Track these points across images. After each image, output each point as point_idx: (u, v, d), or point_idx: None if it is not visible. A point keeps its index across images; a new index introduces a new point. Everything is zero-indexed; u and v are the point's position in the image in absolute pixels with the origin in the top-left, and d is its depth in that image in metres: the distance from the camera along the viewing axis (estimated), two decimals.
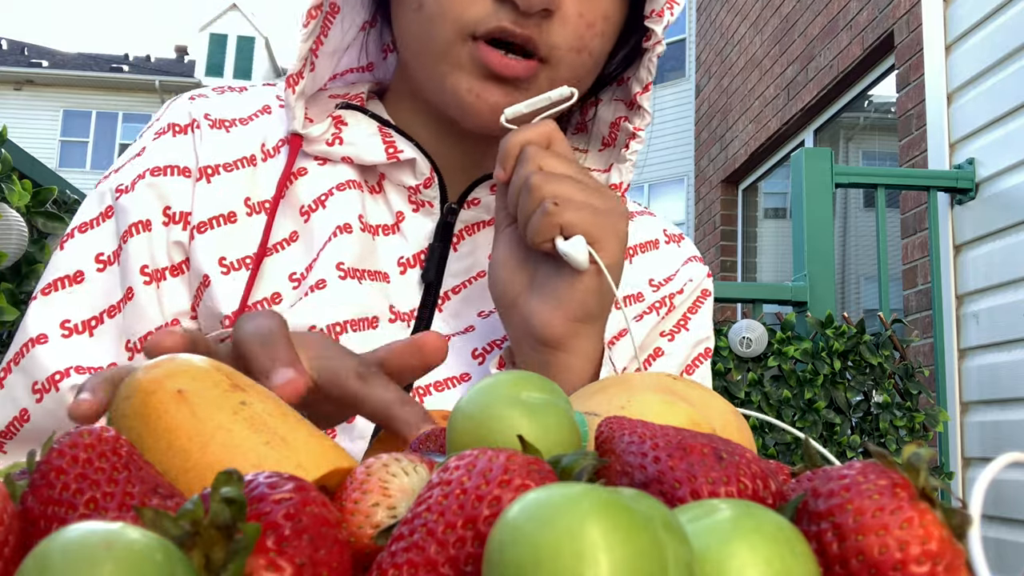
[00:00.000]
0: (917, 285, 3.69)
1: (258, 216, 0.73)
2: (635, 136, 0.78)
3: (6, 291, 2.22)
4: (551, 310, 0.64)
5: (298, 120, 0.74)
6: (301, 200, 0.74)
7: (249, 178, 0.74)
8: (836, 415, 2.55)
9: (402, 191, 0.77)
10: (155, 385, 0.36)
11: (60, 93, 21.66)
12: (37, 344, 0.68)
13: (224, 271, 0.71)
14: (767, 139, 6.31)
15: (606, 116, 0.83)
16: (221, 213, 0.72)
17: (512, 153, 0.65)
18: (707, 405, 0.46)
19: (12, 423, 0.68)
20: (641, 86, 0.77)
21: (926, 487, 0.29)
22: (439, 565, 0.26)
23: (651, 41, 0.74)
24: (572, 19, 0.69)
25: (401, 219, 0.76)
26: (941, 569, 0.27)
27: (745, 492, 0.30)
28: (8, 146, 2.25)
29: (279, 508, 0.26)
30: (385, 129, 0.76)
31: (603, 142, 0.83)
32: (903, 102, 4.10)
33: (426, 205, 0.77)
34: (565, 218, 0.62)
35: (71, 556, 0.22)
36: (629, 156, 0.78)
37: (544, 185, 0.62)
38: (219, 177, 0.73)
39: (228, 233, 0.72)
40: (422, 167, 0.75)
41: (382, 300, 0.72)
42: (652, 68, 0.76)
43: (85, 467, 0.29)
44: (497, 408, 0.36)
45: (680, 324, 0.83)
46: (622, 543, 0.22)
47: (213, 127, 0.76)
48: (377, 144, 0.75)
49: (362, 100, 0.80)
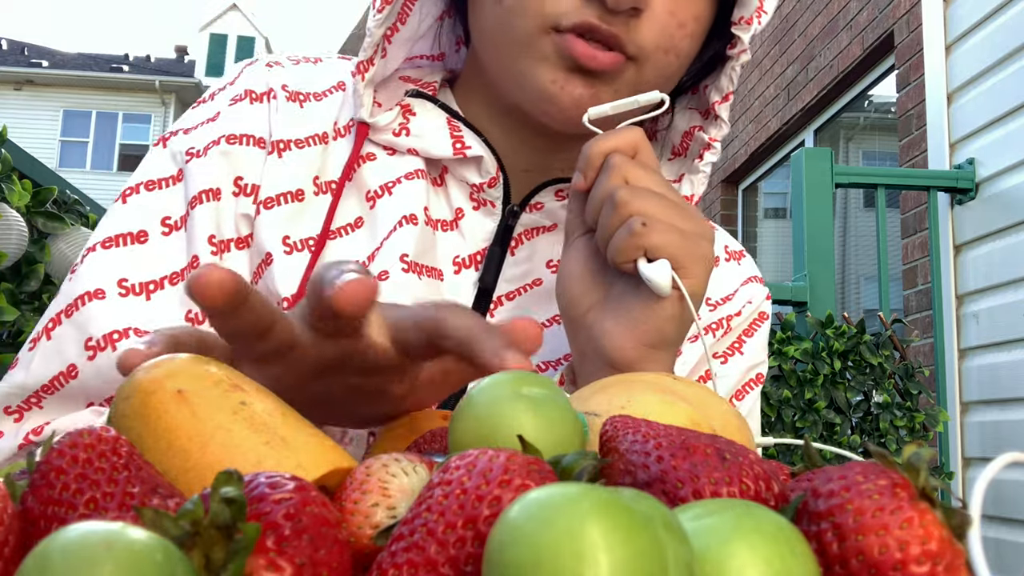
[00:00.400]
0: (917, 285, 3.69)
1: (324, 196, 0.71)
2: (710, 147, 0.75)
3: (6, 291, 2.22)
4: (625, 332, 0.61)
5: (366, 108, 0.72)
6: (368, 185, 0.72)
7: (320, 156, 0.72)
8: (836, 415, 2.55)
9: (464, 187, 0.74)
10: (155, 385, 0.36)
11: (60, 93, 21.66)
12: (93, 299, 0.65)
13: (287, 250, 0.68)
14: (767, 139, 6.31)
15: (680, 125, 0.80)
16: (289, 190, 0.70)
17: (595, 161, 0.61)
18: (707, 405, 0.46)
19: (57, 378, 0.65)
20: (721, 95, 0.74)
21: (926, 487, 0.29)
22: (439, 565, 0.26)
23: (736, 49, 0.72)
24: (662, 18, 0.66)
25: (460, 216, 0.74)
26: (941, 569, 0.27)
27: (747, 493, 0.30)
28: (8, 146, 2.25)
29: (279, 508, 0.26)
30: (454, 122, 0.74)
31: (673, 151, 0.81)
32: (903, 102, 4.10)
33: (487, 204, 0.74)
34: (652, 240, 0.58)
35: (71, 556, 0.22)
36: (703, 167, 0.76)
37: (632, 201, 0.59)
38: (290, 153, 0.71)
39: (295, 211, 0.70)
40: (488, 165, 0.73)
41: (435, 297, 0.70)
42: (734, 77, 0.73)
43: (85, 467, 0.29)
44: (500, 404, 0.36)
45: (734, 347, 0.80)
46: (622, 543, 0.22)
47: (289, 99, 0.73)
48: (444, 138, 0.73)
49: (434, 89, 0.77)
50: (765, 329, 0.83)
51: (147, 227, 0.69)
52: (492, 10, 0.68)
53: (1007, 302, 2.72)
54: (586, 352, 0.63)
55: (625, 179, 0.60)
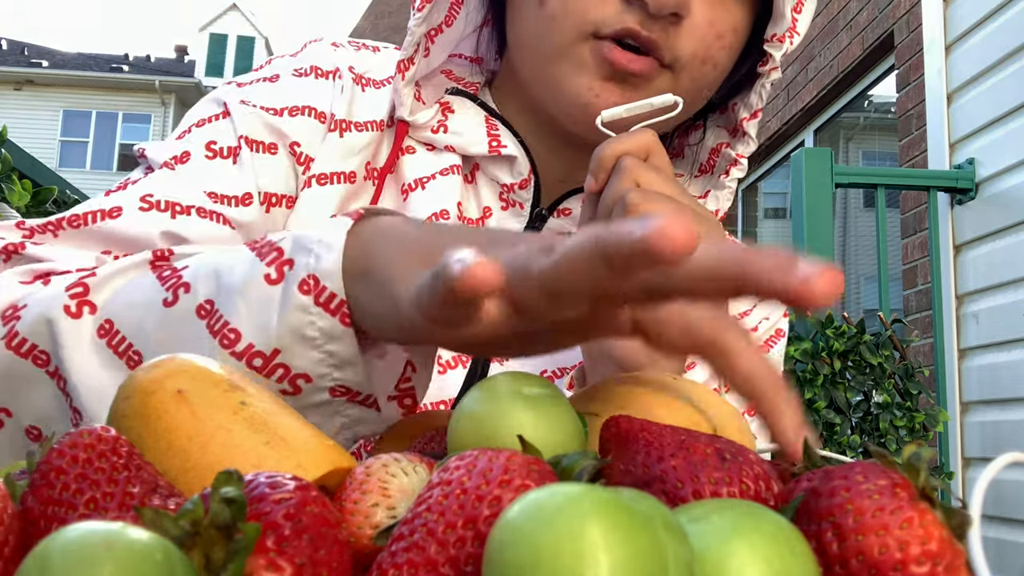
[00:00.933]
0: (917, 285, 3.69)
1: (370, 183, 0.72)
2: (736, 163, 0.75)
3: None
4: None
5: (406, 107, 0.72)
6: (404, 178, 0.73)
7: (375, 143, 0.73)
8: (836, 415, 2.55)
9: (494, 187, 0.75)
10: (155, 385, 0.36)
11: (60, 93, 21.67)
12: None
13: None
14: (767, 139, 6.31)
15: (709, 142, 0.80)
16: (343, 171, 0.71)
17: (607, 163, 0.61)
18: (708, 406, 0.46)
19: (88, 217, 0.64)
20: (750, 112, 0.74)
21: (926, 487, 0.29)
22: (439, 565, 0.26)
23: (767, 66, 0.72)
24: (701, 27, 0.66)
25: (488, 215, 0.74)
26: (941, 569, 0.27)
27: (747, 493, 0.30)
28: (8, 146, 2.25)
29: (279, 508, 0.26)
30: (492, 120, 0.74)
31: (700, 168, 0.81)
32: (903, 102, 4.10)
33: (516, 205, 0.74)
34: None
35: (71, 556, 0.22)
36: (728, 183, 0.76)
37: (641, 204, 0.58)
38: (350, 135, 0.72)
39: (348, 193, 0.71)
40: (521, 166, 0.73)
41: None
42: (763, 94, 0.73)
43: (85, 467, 0.29)
44: (500, 404, 0.36)
45: None
46: (622, 543, 0.22)
47: (354, 81, 0.74)
48: (482, 135, 0.73)
49: (476, 89, 0.78)
50: (781, 345, 0.83)
51: (191, 149, 0.69)
52: (533, 14, 0.68)
53: (1007, 302, 2.72)
54: (595, 355, 0.63)
55: (636, 182, 0.60)
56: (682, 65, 0.67)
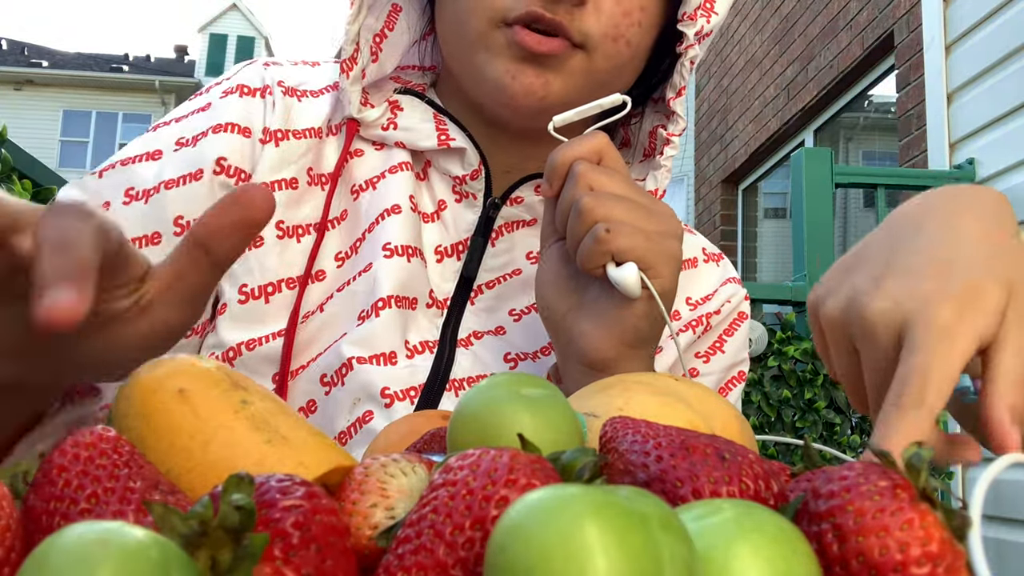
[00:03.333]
0: None
1: (317, 188, 0.74)
2: (669, 142, 0.77)
3: None
4: (601, 334, 0.62)
5: (353, 105, 0.74)
6: (354, 180, 0.75)
7: (315, 150, 0.75)
8: (836, 415, 2.55)
9: (447, 180, 0.77)
10: (156, 384, 0.36)
11: (60, 93, 21.66)
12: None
13: (280, 235, 0.72)
14: (767, 139, 6.31)
15: (646, 126, 0.82)
16: (284, 178, 0.73)
17: (560, 169, 0.63)
18: (708, 406, 0.46)
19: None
20: (675, 91, 0.76)
21: (927, 488, 0.29)
22: (449, 567, 0.26)
23: (684, 45, 0.74)
24: (607, 6, 0.69)
25: (443, 208, 0.77)
26: (941, 570, 0.27)
27: (747, 492, 0.30)
28: (8, 146, 2.25)
29: (288, 516, 0.26)
30: (440, 116, 0.77)
31: (644, 153, 0.83)
32: (903, 102, 4.10)
33: (469, 197, 0.76)
34: (617, 244, 0.60)
35: (68, 556, 0.22)
36: (663, 162, 0.77)
37: (596, 208, 0.60)
38: (287, 143, 0.74)
39: (290, 199, 0.73)
40: (471, 158, 0.75)
41: (424, 283, 0.73)
42: (685, 73, 0.75)
43: (87, 465, 0.29)
44: (499, 405, 0.36)
45: (716, 346, 0.82)
46: (617, 544, 0.22)
47: (286, 94, 0.76)
48: (430, 130, 0.75)
49: (423, 88, 0.80)
50: (745, 329, 0.85)
51: (111, 198, 0.70)
52: (450, 8, 0.72)
53: None
54: (567, 354, 0.65)
55: (590, 186, 0.61)
56: (594, 44, 0.69)
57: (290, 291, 0.71)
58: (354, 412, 0.67)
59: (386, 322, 0.69)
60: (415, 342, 0.71)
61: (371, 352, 0.68)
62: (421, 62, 0.83)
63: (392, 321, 0.69)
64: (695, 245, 0.85)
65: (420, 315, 0.72)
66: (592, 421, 0.42)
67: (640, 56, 0.74)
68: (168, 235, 0.69)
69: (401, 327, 0.70)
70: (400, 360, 0.69)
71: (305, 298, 0.70)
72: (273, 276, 0.70)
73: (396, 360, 0.69)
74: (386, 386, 0.67)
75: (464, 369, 0.71)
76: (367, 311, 0.69)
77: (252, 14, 24.27)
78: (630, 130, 0.85)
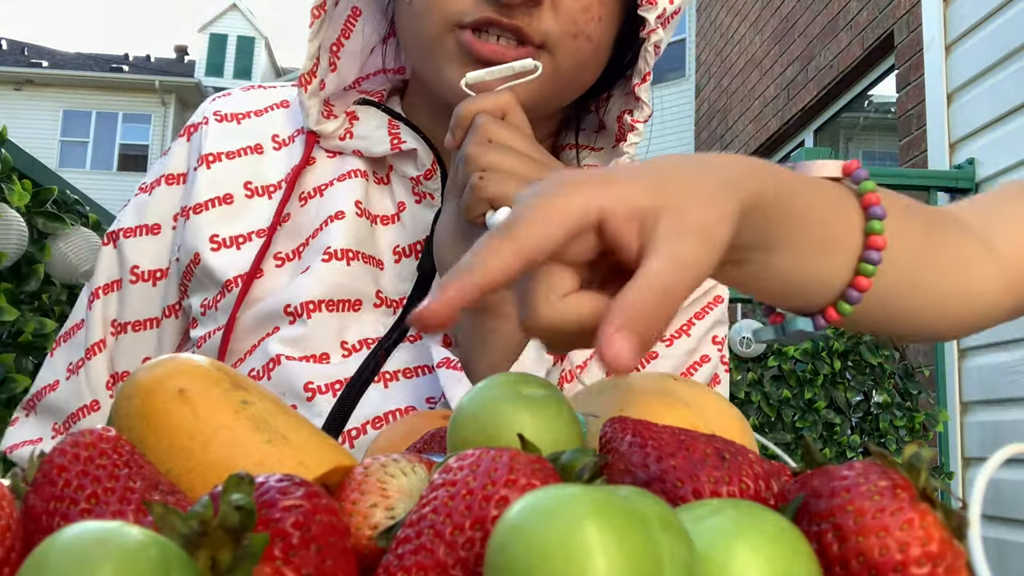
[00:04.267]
0: None
1: (260, 199, 0.77)
2: (633, 128, 0.76)
3: (6, 291, 2.22)
4: None
5: (312, 118, 0.76)
6: (303, 187, 0.78)
7: (252, 164, 0.78)
8: (836, 415, 2.55)
9: (406, 182, 0.78)
10: (156, 385, 0.36)
11: (60, 93, 21.65)
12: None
13: (215, 247, 0.75)
14: (767, 139, 6.31)
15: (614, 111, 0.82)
16: (218, 195, 0.77)
17: (463, 122, 0.63)
18: (708, 407, 0.46)
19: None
20: (639, 77, 0.75)
21: (927, 488, 0.28)
22: (449, 567, 0.26)
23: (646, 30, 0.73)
24: (565, 4, 0.68)
25: (402, 209, 0.77)
26: (941, 570, 0.27)
27: (747, 492, 0.30)
28: (8, 146, 2.25)
29: (288, 516, 0.26)
30: (394, 122, 0.78)
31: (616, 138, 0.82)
32: (903, 102, 4.10)
33: (427, 197, 0.77)
34: (491, 191, 0.59)
35: (68, 556, 0.22)
36: (626, 149, 0.77)
37: (480, 156, 0.60)
38: (220, 164, 0.78)
39: (223, 214, 0.76)
40: (423, 158, 0.76)
41: (370, 284, 0.74)
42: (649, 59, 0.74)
43: (87, 465, 0.29)
44: (499, 405, 0.36)
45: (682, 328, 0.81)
46: (617, 544, 0.22)
47: (221, 121, 0.80)
48: (383, 136, 0.77)
49: (382, 96, 0.81)
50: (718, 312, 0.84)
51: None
52: (405, 13, 0.72)
53: None
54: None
55: (488, 138, 0.61)
56: (554, 44, 0.69)
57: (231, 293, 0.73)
58: None
59: (318, 324, 0.70)
60: (353, 341, 0.72)
61: (301, 353, 0.70)
62: (385, 65, 0.84)
63: (324, 324, 0.71)
64: None
65: (365, 315, 0.73)
66: (592, 421, 0.42)
67: (603, 49, 0.73)
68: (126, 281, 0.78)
69: (336, 329, 0.71)
70: (334, 359, 0.71)
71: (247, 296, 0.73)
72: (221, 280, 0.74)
73: (329, 360, 0.71)
74: (310, 380, 0.69)
75: (400, 361, 0.71)
76: (295, 310, 0.71)
77: (252, 14, 24.26)
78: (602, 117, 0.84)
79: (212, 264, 0.74)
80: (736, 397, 2.56)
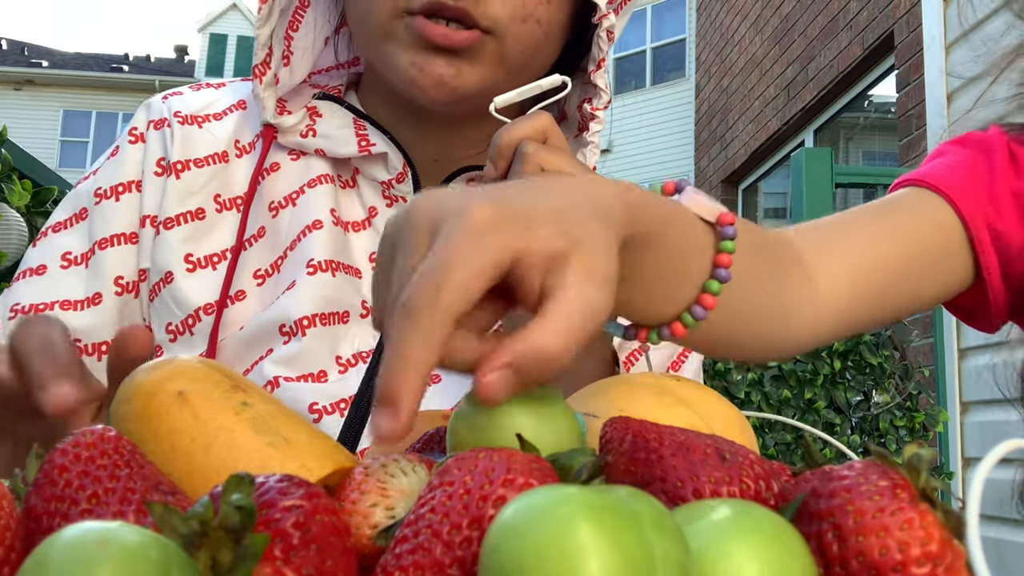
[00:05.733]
0: None
1: (229, 212, 0.74)
2: (594, 117, 0.75)
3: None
4: None
5: (268, 110, 0.73)
6: (272, 196, 0.74)
7: (220, 175, 0.74)
8: (836, 415, 2.55)
9: (375, 186, 0.76)
10: (156, 387, 0.36)
11: (60, 93, 21.64)
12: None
13: (190, 268, 0.71)
14: (767, 139, 6.31)
15: (574, 100, 0.80)
16: (189, 210, 0.73)
17: (506, 150, 0.61)
18: (709, 407, 0.46)
19: None
20: (594, 63, 0.74)
21: (927, 488, 0.29)
22: (446, 567, 0.26)
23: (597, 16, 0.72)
24: None
25: (374, 215, 0.75)
26: (941, 570, 0.27)
27: (747, 492, 0.30)
28: (8, 146, 2.25)
29: (288, 516, 0.26)
30: (360, 121, 0.75)
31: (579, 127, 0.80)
32: (903, 102, 4.10)
33: (399, 200, 0.75)
34: None
35: (68, 556, 0.22)
36: (591, 138, 0.75)
37: None
38: (189, 173, 0.74)
39: (196, 230, 0.73)
40: (394, 161, 0.74)
41: (354, 295, 0.72)
42: (603, 44, 0.72)
43: (87, 465, 0.29)
44: (499, 406, 0.36)
45: None
46: (609, 544, 0.22)
47: (184, 123, 0.75)
48: (350, 136, 0.74)
49: (339, 92, 0.79)
50: None
51: (46, 262, 0.73)
52: (353, 2, 0.71)
53: None
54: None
55: (540, 166, 0.60)
56: (503, 28, 0.68)
57: (208, 317, 0.70)
58: None
59: (312, 341, 0.68)
60: (348, 355, 0.70)
61: (299, 372, 0.68)
62: (337, 59, 0.81)
63: (319, 340, 0.68)
64: None
65: (354, 327, 0.71)
66: (592, 422, 0.42)
67: (555, 34, 0.72)
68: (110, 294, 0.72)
69: (330, 344, 0.69)
70: (331, 376, 0.69)
71: (224, 319, 0.70)
72: (191, 307, 0.70)
73: (327, 378, 0.68)
74: (314, 401, 0.67)
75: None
76: (291, 328, 0.68)
77: (252, 14, 24.25)
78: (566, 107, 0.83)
79: (184, 287, 0.71)
80: (736, 397, 2.56)
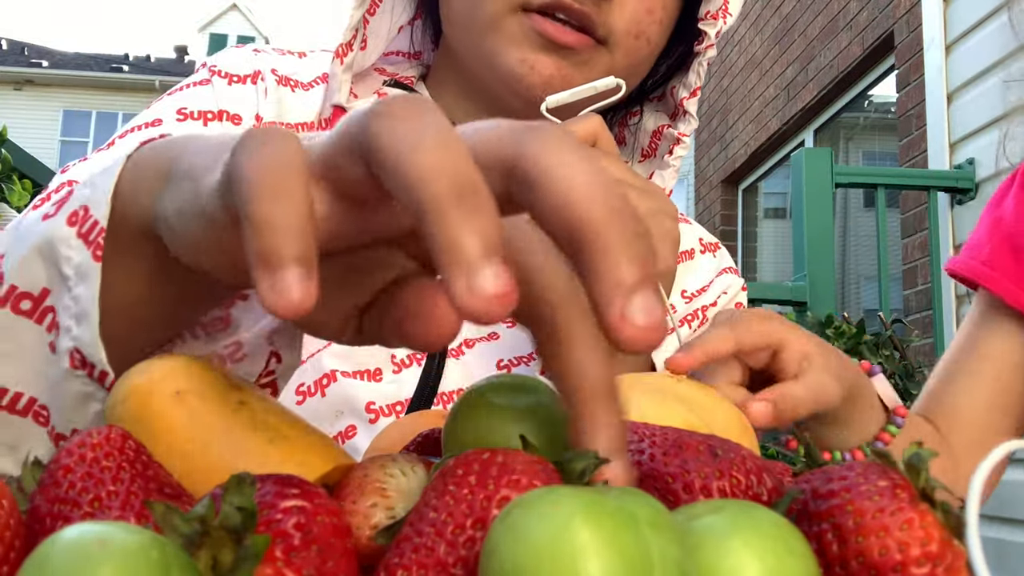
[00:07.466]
0: (917, 285, 3.68)
1: None
2: (679, 142, 0.75)
3: None
4: None
5: (342, 93, 0.72)
6: None
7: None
8: None
9: None
10: (151, 387, 0.36)
11: (60, 93, 21.64)
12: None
13: None
14: (767, 139, 6.31)
15: (648, 126, 0.80)
16: None
17: None
18: (709, 407, 0.46)
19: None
20: (688, 91, 0.75)
21: (927, 488, 0.29)
22: (450, 566, 0.26)
23: (703, 44, 0.73)
24: (631, 3, 0.67)
25: None
26: (941, 570, 0.27)
27: (738, 486, 0.30)
28: (8, 146, 2.25)
29: (290, 516, 0.26)
30: None
31: (643, 153, 0.81)
32: (903, 102, 4.10)
33: None
34: None
35: (67, 556, 0.22)
36: (672, 162, 0.76)
37: None
38: None
39: None
40: None
41: None
42: (701, 72, 0.74)
43: (92, 466, 0.29)
44: (498, 408, 0.36)
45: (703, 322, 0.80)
46: (607, 544, 0.22)
47: (279, 83, 0.73)
48: None
49: (412, 82, 0.78)
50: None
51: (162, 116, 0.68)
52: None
53: None
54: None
55: None
56: (616, 41, 0.68)
57: None
58: (336, 425, 0.66)
59: None
60: (402, 355, 0.69)
61: (355, 368, 0.67)
62: (409, 48, 0.80)
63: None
64: (692, 235, 0.84)
65: None
66: None
67: (655, 54, 0.73)
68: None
69: None
70: (386, 375, 0.68)
71: None
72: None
73: (381, 376, 0.67)
74: (371, 401, 0.66)
75: (452, 381, 0.69)
76: None
77: (252, 14, 24.24)
78: (627, 129, 0.84)
79: None
80: None
